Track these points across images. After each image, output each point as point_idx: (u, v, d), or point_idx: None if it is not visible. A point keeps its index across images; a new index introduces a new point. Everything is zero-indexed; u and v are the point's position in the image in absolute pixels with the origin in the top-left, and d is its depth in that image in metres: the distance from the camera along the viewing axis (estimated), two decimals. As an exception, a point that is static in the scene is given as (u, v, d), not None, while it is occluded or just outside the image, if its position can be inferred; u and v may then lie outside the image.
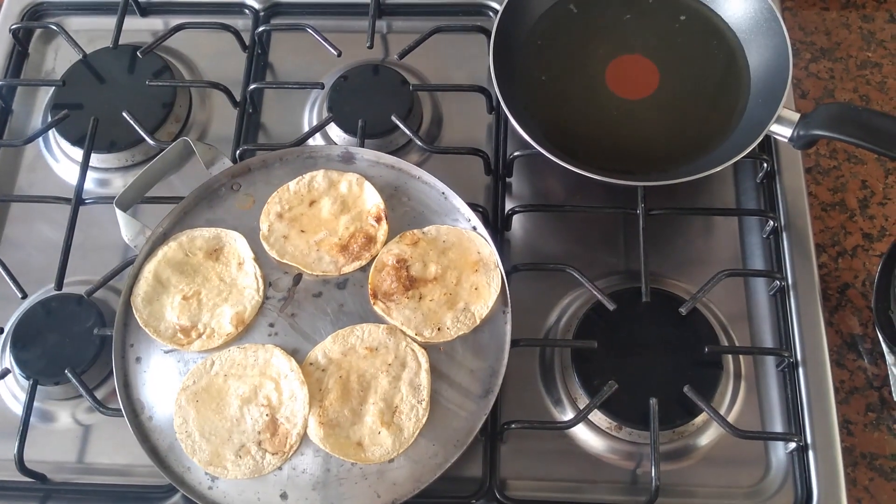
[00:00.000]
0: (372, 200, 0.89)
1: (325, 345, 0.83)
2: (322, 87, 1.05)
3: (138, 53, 1.07)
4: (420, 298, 0.85)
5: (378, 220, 0.88)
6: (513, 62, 0.99)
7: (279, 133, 1.06)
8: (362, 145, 0.97)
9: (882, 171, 1.03)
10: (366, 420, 0.80)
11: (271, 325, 0.85)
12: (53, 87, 1.08)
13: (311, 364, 0.82)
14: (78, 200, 0.98)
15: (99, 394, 0.89)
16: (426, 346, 0.83)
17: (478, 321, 0.83)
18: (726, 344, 0.91)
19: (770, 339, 0.92)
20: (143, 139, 1.01)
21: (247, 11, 1.12)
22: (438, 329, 0.83)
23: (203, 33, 1.10)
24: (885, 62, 1.10)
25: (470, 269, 0.86)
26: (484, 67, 0.97)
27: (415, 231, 0.88)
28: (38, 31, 1.16)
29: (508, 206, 0.97)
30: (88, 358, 0.90)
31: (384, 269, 0.86)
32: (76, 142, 1.03)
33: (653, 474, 0.81)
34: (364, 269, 0.87)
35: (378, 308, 0.84)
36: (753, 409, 0.89)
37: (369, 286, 0.85)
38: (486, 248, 0.87)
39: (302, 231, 0.88)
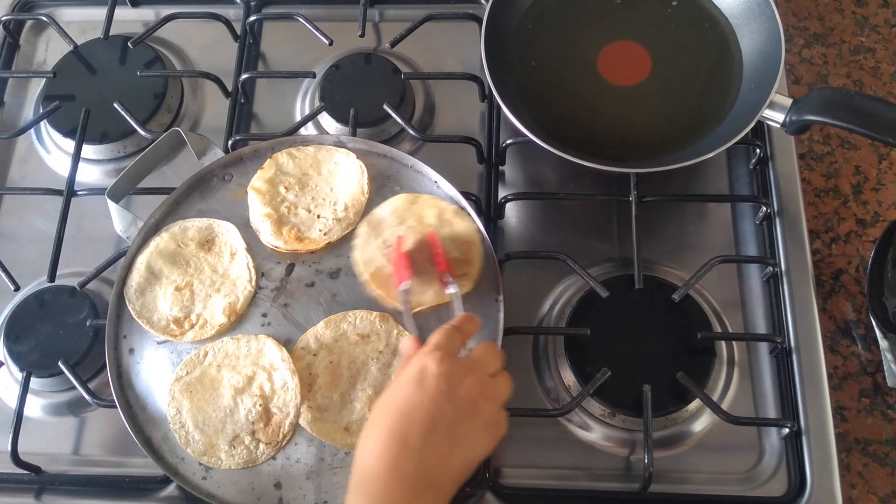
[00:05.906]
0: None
1: (317, 330, 0.83)
2: (314, 76, 1.04)
3: (129, 44, 1.06)
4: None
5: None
6: (504, 50, 0.98)
7: (271, 123, 1.06)
8: (354, 134, 0.97)
9: (875, 156, 1.03)
10: (354, 406, 0.81)
11: (264, 316, 0.85)
12: (45, 79, 1.07)
13: (302, 348, 0.83)
14: (70, 192, 0.98)
15: (92, 385, 0.89)
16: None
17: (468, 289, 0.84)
18: (719, 330, 0.91)
19: (763, 325, 0.92)
20: (135, 130, 1.01)
21: (238, 1, 1.11)
22: None
23: (194, 23, 1.09)
24: (878, 47, 1.09)
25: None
26: (476, 55, 0.96)
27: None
28: (28, 23, 1.15)
29: (501, 194, 0.96)
30: (82, 350, 0.90)
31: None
32: (68, 133, 1.03)
33: (646, 461, 0.81)
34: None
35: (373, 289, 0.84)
36: (747, 396, 0.89)
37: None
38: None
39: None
